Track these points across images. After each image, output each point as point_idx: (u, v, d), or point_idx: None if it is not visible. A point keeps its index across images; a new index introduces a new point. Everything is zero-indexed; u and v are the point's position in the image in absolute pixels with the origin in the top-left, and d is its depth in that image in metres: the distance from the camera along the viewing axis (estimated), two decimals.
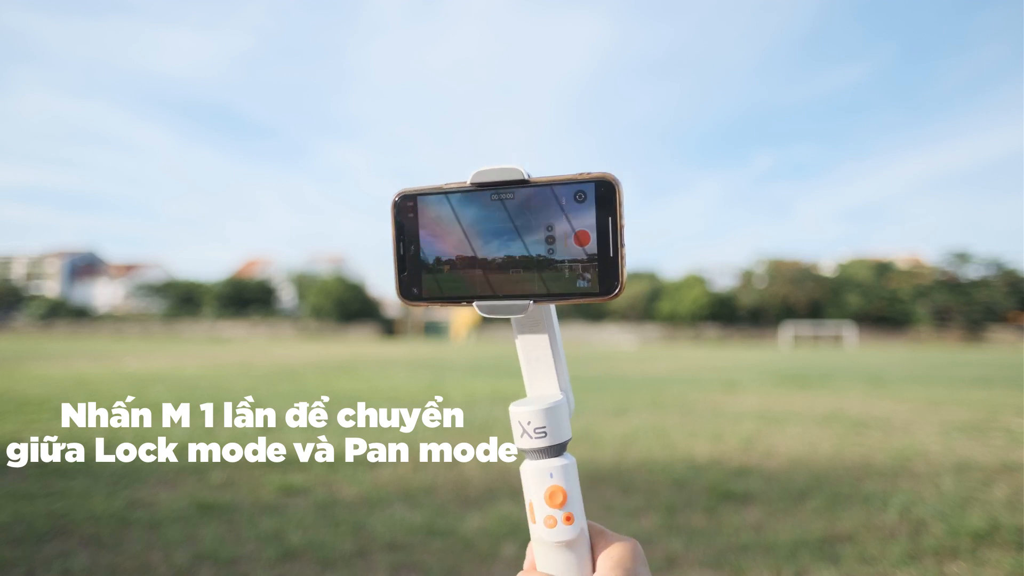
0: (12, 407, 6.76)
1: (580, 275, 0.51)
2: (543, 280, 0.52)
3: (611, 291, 0.51)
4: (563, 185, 0.51)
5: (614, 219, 0.50)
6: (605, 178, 0.50)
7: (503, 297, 0.54)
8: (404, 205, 0.55)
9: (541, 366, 0.56)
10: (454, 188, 0.54)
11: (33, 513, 3.21)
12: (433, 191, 0.55)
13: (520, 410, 0.54)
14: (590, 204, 0.51)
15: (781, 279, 50.53)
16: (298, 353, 22.06)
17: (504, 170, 0.52)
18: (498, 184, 0.53)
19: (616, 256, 0.50)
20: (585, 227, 0.51)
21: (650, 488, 3.85)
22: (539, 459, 0.55)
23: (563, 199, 0.51)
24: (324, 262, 66.71)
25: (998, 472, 4.33)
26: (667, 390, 9.65)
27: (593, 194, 0.51)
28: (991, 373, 14.34)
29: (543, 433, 0.54)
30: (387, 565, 2.66)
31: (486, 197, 0.53)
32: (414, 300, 0.56)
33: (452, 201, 0.54)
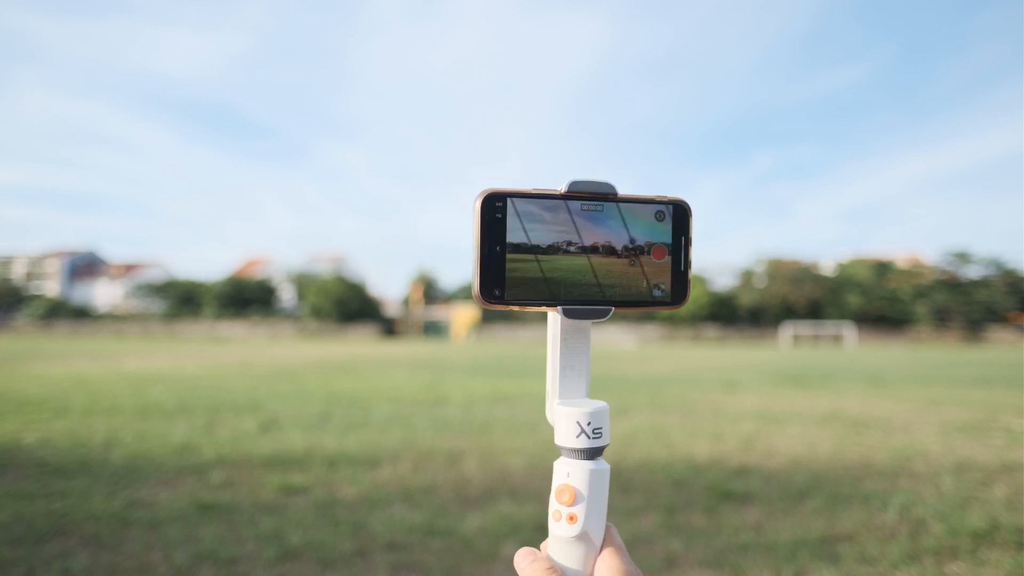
0: (12, 407, 6.77)
1: (656, 285, 0.57)
2: (623, 288, 0.57)
3: (681, 300, 0.58)
4: (647, 204, 0.57)
5: (687, 238, 0.58)
6: (681, 202, 0.58)
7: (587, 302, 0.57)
8: (492, 205, 0.55)
9: (575, 374, 0.59)
10: (544, 192, 0.56)
11: (33, 513, 3.21)
12: (523, 193, 0.55)
13: (575, 410, 0.56)
14: (668, 223, 0.58)
15: (781, 279, 50.53)
16: (298, 353, 22.05)
17: (599, 183, 0.56)
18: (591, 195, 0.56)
19: (686, 270, 0.58)
20: (663, 243, 0.57)
21: (650, 488, 3.85)
22: (572, 459, 0.57)
23: (646, 216, 0.57)
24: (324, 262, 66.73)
25: (998, 472, 4.33)
26: (667, 390, 9.65)
27: (671, 214, 0.58)
28: (991, 373, 14.34)
29: (600, 433, 0.57)
30: (387, 565, 2.66)
31: (577, 206, 0.56)
32: (495, 301, 0.55)
33: (543, 205, 0.55)
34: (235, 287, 58.55)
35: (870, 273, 50.99)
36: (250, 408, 6.99)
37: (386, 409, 7.04)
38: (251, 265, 73.78)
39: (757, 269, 53.07)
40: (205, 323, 54.00)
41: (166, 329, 53.14)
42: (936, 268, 50.32)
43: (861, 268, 52.02)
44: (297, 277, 60.78)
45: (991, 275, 48.59)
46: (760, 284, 51.97)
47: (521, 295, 0.55)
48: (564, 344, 0.58)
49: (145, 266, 74.77)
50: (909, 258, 55.44)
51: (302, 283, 58.90)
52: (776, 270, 51.41)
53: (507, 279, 0.55)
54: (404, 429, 5.77)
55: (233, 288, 58.28)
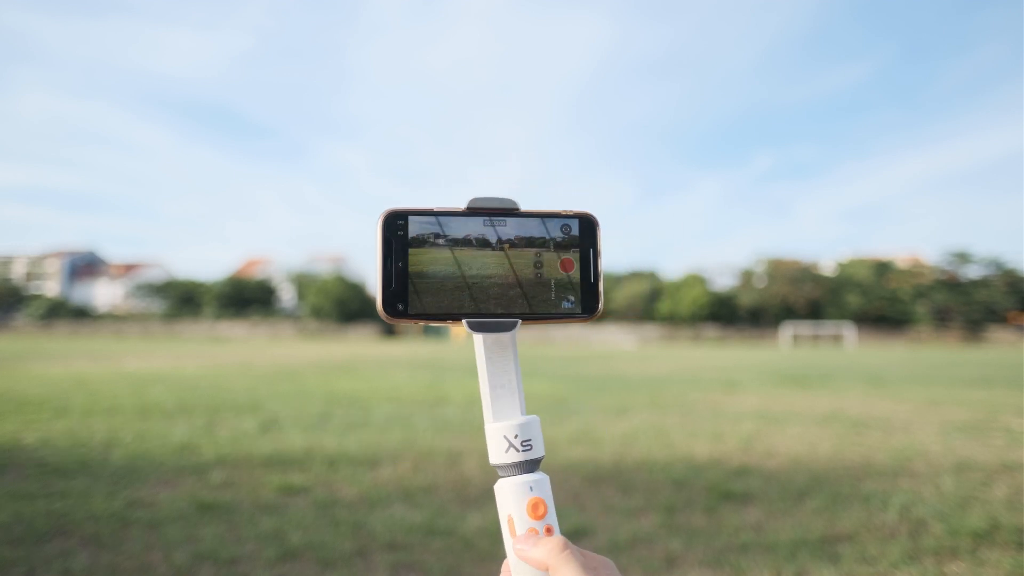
0: (12, 407, 6.77)
1: (565, 297, 0.58)
2: (530, 301, 0.58)
3: (592, 312, 0.59)
4: (551, 217, 0.59)
5: (594, 250, 0.59)
6: (587, 215, 0.60)
7: (491, 315, 0.58)
8: (392, 222, 0.57)
9: (507, 392, 0.58)
10: (448, 210, 0.58)
11: (33, 513, 3.21)
12: (425, 211, 0.58)
13: (502, 425, 0.56)
14: (575, 236, 0.59)
15: (781, 279, 50.52)
16: (298, 353, 22.06)
17: (500, 200, 0.59)
18: (492, 211, 0.58)
19: (596, 282, 0.59)
20: (570, 255, 0.59)
21: (650, 488, 3.85)
22: (517, 474, 0.56)
23: (551, 230, 0.59)
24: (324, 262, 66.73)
25: (998, 472, 4.33)
26: (667, 390, 9.65)
27: (577, 227, 0.59)
28: (991, 373, 14.34)
29: (529, 446, 0.56)
30: (387, 565, 2.66)
31: (478, 222, 0.58)
32: (398, 316, 0.57)
33: (442, 221, 0.58)
34: (235, 287, 58.54)
35: (870, 273, 51.00)
36: (250, 408, 6.99)
37: (386, 409, 7.04)
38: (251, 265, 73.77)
39: (757, 269, 53.07)
40: (205, 323, 53.99)
41: (166, 329, 53.13)
42: (936, 268, 50.33)
43: (861, 268, 52.02)
44: (297, 277, 60.78)
45: (991, 275, 48.59)
46: (760, 284, 51.96)
47: (423, 309, 0.57)
48: (489, 363, 0.58)
49: (145, 266, 74.77)
50: (909, 258, 55.45)
51: (302, 283, 58.90)
52: (776, 270, 51.41)
53: (409, 294, 0.57)
54: (404, 429, 5.77)
55: (233, 288, 58.28)
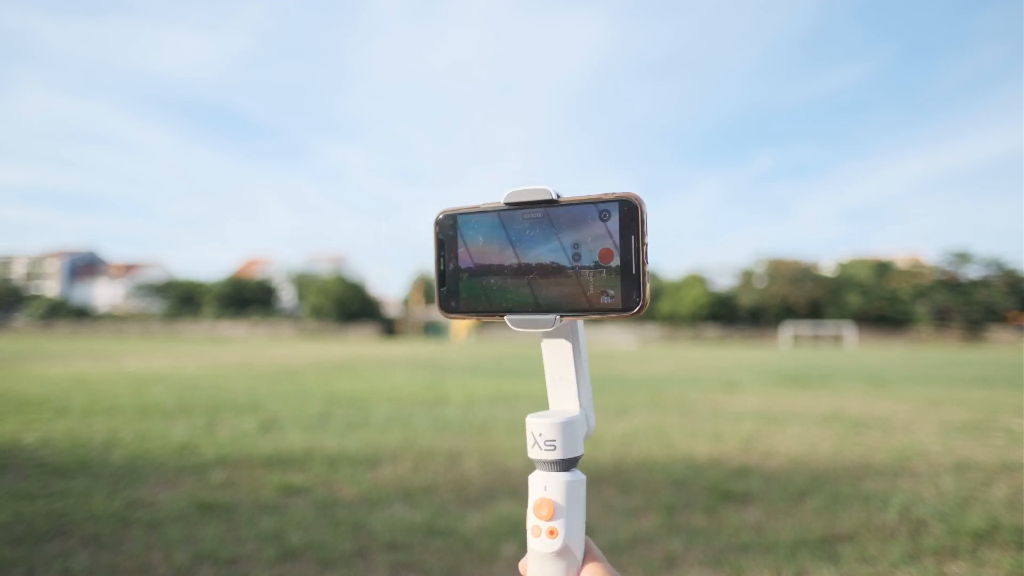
0: (12, 407, 6.77)
1: (604, 291, 0.53)
2: (570, 296, 0.54)
3: (633, 307, 0.52)
4: (589, 204, 0.53)
5: (637, 238, 0.52)
6: (628, 198, 0.52)
7: (532, 311, 0.56)
8: (445, 223, 0.59)
9: (564, 383, 0.58)
10: (489, 207, 0.57)
11: (33, 513, 3.21)
12: (471, 210, 0.58)
13: (535, 421, 0.56)
14: (614, 223, 0.52)
15: (781, 279, 50.52)
16: (298, 353, 22.05)
17: (535, 190, 0.55)
18: (529, 204, 0.55)
19: (638, 273, 0.52)
20: (609, 245, 0.53)
21: (650, 488, 3.85)
22: (545, 471, 0.56)
23: (589, 218, 0.53)
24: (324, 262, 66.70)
25: (998, 472, 4.33)
26: (667, 390, 9.65)
27: (617, 213, 0.52)
28: (991, 373, 14.34)
29: (552, 446, 0.55)
30: (387, 565, 2.66)
31: (518, 216, 0.56)
32: (452, 313, 0.59)
33: (488, 220, 0.57)
34: (235, 287, 58.54)
35: (870, 273, 50.99)
36: (250, 408, 6.99)
37: (386, 409, 7.04)
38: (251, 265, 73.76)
39: (757, 269, 53.07)
40: (205, 323, 53.99)
41: (166, 329, 53.13)
42: (936, 268, 50.32)
43: (861, 268, 52.01)
44: (297, 277, 60.77)
45: (991, 275, 48.58)
46: (760, 284, 51.96)
47: (474, 306, 0.58)
48: (547, 357, 0.58)
49: (145, 266, 74.76)
50: (909, 258, 55.43)
51: (302, 283, 58.89)
52: (776, 270, 51.41)
53: (461, 291, 0.58)
54: (404, 429, 5.76)
55: (233, 288, 58.28)
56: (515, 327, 0.57)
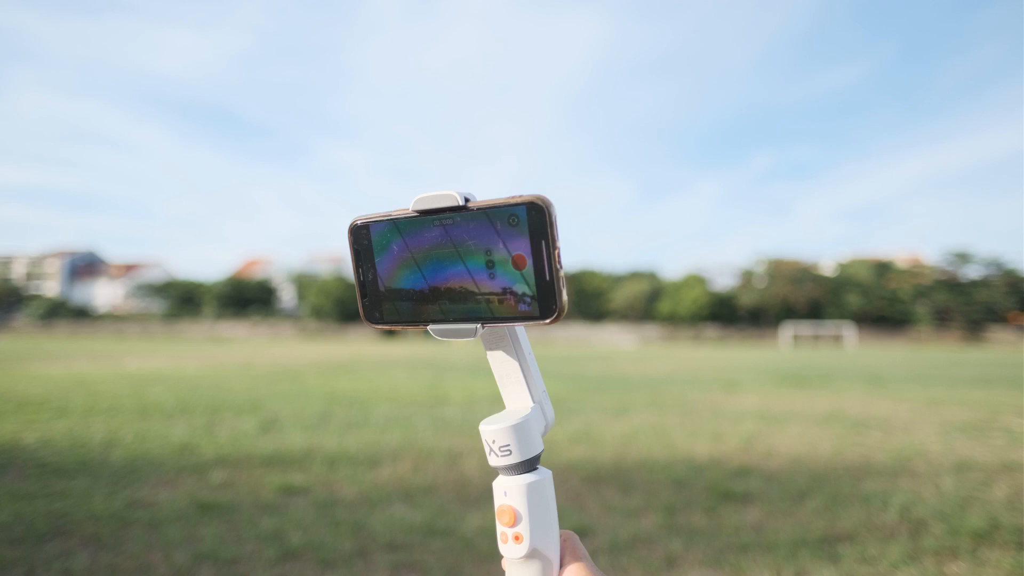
0: (12, 407, 6.76)
1: (521, 299, 0.51)
2: (487, 304, 0.53)
3: (549, 315, 0.50)
4: (496, 209, 0.51)
5: (547, 242, 0.49)
6: (535, 201, 0.49)
7: (454, 321, 0.54)
8: (359, 233, 0.57)
9: (512, 381, 0.58)
10: (399, 215, 0.55)
11: (33, 513, 3.21)
12: (382, 218, 0.56)
13: (486, 428, 0.55)
14: (523, 228, 0.50)
15: (781, 279, 50.52)
16: (298, 353, 22.05)
17: (442, 196, 0.53)
18: (438, 210, 0.53)
19: (552, 279, 0.50)
20: (521, 251, 0.50)
21: (650, 488, 3.85)
22: (507, 475, 0.56)
23: (498, 224, 0.51)
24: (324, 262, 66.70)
25: (998, 472, 4.33)
26: (667, 390, 9.65)
27: (525, 217, 0.50)
28: (991, 373, 14.34)
29: (507, 451, 0.55)
30: (387, 565, 2.66)
31: (429, 223, 0.54)
32: (377, 323, 0.58)
33: (399, 228, 0.55)
34: (235, 287, 58.55)
35: (870, 273, 51.00)
36: (250, 408, 6.99)
37: (386, 409, 7.04)
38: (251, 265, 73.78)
39: (757, 269, 53.07)
40: (205, 323, 53.99)
41: (166, 329, 53.13)
42: (936, 268, 50.33)
43: (861, 268, 52.02)
44: (297, 277, 60.79)
45: (991, 275, 48.59)
46: (760, 284, 51.96)
47: (396, 316, 0.57)
48: (490, 355, 0.58)
49: (145, 266, 74.77)
50: (909, 258, 55.47)
51: (302, 283, 58.90)
52: (776, 270, 51.41)
53: (382, 302, 0.57)
54: (404, 429, 5.76)
55: (233, 288, 58.29)
56: (438, 336, 0.55)
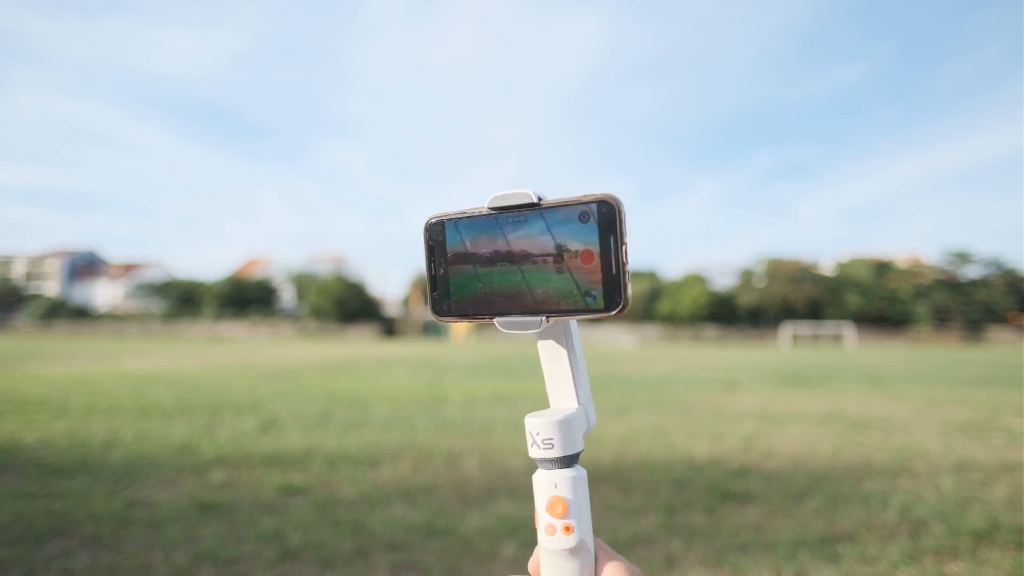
0: (12, 407, 6.76)
1: (587, 292, 0.54)
2: (554, 297, 0.55)
3: (614, 307, 0.53)
4: (569, 207, 0.54)
5: (615, 238, 0.52)
6: (606, 199, 0.53)
7: (520, 314, 0.57)
8: (434, 229, 0.60)
9: (560, 380, 0.59)
10: (474, 213, 0.59)
11: (33, 513, 3.21)
12: (458, 216, 0.60)
13: (532, 421, 0.57)
14: (593, 224, 0.53)
15: (781, 279, 50.52)
16: (298, 353, 22.05)
17: (517, 194, 0.56)
18: (512, 208, 0.57)
19: (619, 273, 0.52)
20: (589, 246, 0.53)
21: (650, 488, 3.85)
22: (548, 469, 0.57)
23: (569, 220, 0.54)
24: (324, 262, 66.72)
25: (998, 472, 4.33)
26: (667, 390, 9.65)
27: (596, 214, 0.53)
28: (991, 373, 14.34)
29: (550, 444, 0.56)
30: (387, 565, 2.66)
31: (502, 220, 0.57)
32: (444, 316, 0.61)
33: (473, 224, 0.59)
34: (235, 287, 58.53)
35: (870, 273, 50.99)
36: (250, 408, 6.99)
37: (386, 409, 7.04)
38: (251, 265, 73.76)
39: (757, 269, 53.07)
40: (205, 323, 53.98)
41: (166, 329, 53.12)
42: (936, 268, 50.32)
43: (861, 268, 52.01)
44: (297, 277, 60.78)
45: (991, 275, 48.58)
46: (760, 284, 51.96)
47: (464, 309, 0.60)
48: (543, 352, 0.59)
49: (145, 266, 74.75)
50: (909, 258, 55.45)
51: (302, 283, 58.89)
52: (776, 270, 51.40)
53: (451, 295, 0.60)
54: (404, 429, 5.76)
55: (233, 288, 58.26)
56: (504, 329, 0.58)
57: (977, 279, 48.66)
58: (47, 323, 55.34)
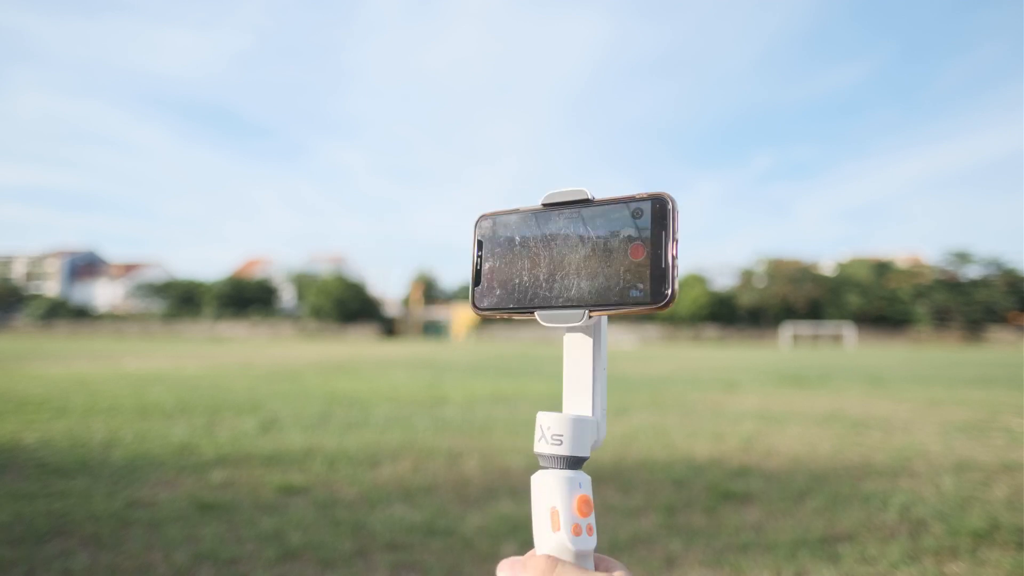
0: (12, 407, 6.76)
1: (633, 285, 0.54)
2: (600, 290, 0.56)
3: (661, 300, 0.53)
4: (622, 203, 0.55)
5: (666, 233, 0.53)
6: (661, 196, 0.54)
7: (562, 307, 0.57)
8: (484, 224, 0.61)
9: (579, 388, 0.59)
10: (527, 209, 0.60)
11: (33, 513, 3.21)
12: (509, 212, 0.61)
13: (544, 415, 0.57)
14: (646, 220, 0.54)
15: (781, 279, 50.53)
16: (298, 353, 22.05)
17: (571, 191, 0.57)
18: (565, 204, 0.57)
19: (667, 267, 0.53)
20: (640, 242, 0.54)
21: (650, 488, 3.85)
22: (553, 468, 0.56)
23: (622, 216, 0.55)
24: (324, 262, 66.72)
25: (998, 472, 4.33)
26: (667, 390, 9.65)
27: (649, 210, 0.54)
28: (991, 373, 14.34)
29: (559, 441, 0.55)
30: (387, 565, 2.66)
31: (554, 216, 0.58)
32: (484, 310, 0.61)
33: (524, 220, 0.60)
34: (235, 287, 58.53)
35: (870, 273, 51.00)
36: (250, 408, 6.99)
37: (386, 409, 7.04)
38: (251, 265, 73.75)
39: (757, 269, 53.08)
40: (205, 323, 53.99)
41: (166, 329, 53.12)
42: (936, 268, 50.33)
43: (861, 268, 52.02)
44: (297, 277, 60.79)
45: (991, 275, 48.59)
46: (760, 284, 51.97)
47: (506, 303, 0.60)
48: (567, 356, 0.59)
49: (145, 266, 74.76)
50: (909, 258, 55.45)
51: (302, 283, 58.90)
52: (776, 270, 51.42)
53: (495, 289, 0.61)
54: (404, 429, 5.76)
55: (233, 288, 58.27)
56: (544, 323, 0.58)
57: (977, 279, 48.68)
58: (47, 323, 55.34)
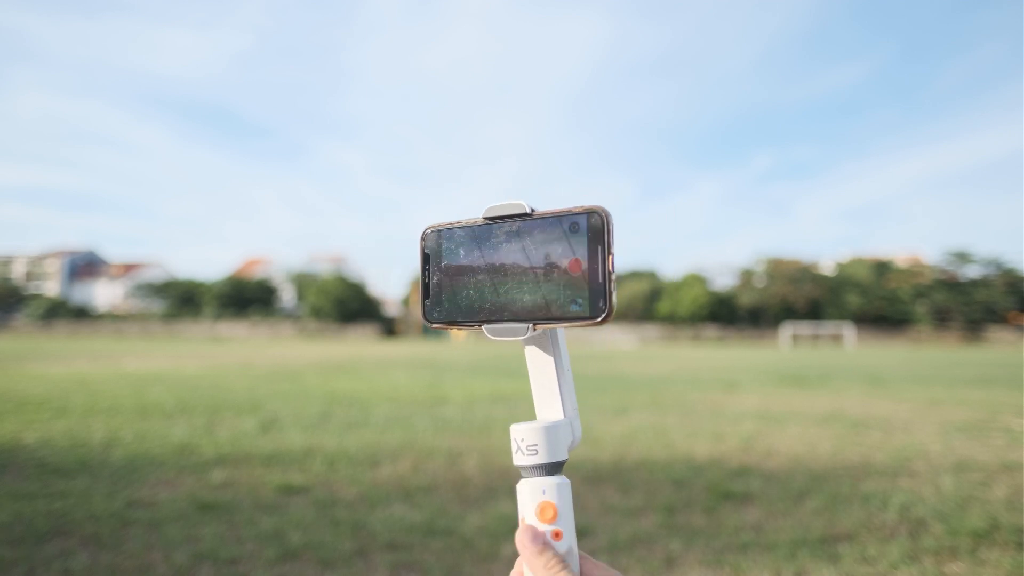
0: (12, 407, 6.76)
1: (573, 299, 0.55)
2: (541, 305, 0.57)
3: (599, 315, 0.54)
4: (560, 217, 0.56)
5: (603, 247, 0.54)
6: (595, 210, 0.55)
7: (508, 321, 0.58)
8: (430, 238, 0.63)
9: (547, 393, 0.60)
10: (470, 223, 0.61)
11: (33, 513, 3.21)
12: (453, 225, 0.62)
13: (516, 428, 0.58)
14: (582, 234, 0.55)
15: (781, 279, 50.51)
16: (298, 353, 22.05)
17: (510, 205, 0.58)
18: (506, 217, 0.59)
19: (604, 282, 0.54)
20: (578, 255, 0.55)
21: (650, 488, 3.85)
22: (533, 476, 0.57)
23: (559, 230, 0.56)
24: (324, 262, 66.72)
25: (998, 472, 4.33)
26: (667, 390, 9.65)
27: (585, 224, 0.55)
28: (991, 373, 14.34)
29: (534, 451, 0.57)
30: (387, 565, 2.66)
31: (495, 230, 0.59)
32: (435, 323, 0.63)
33: (468, 234, 0.61)
34: (235, 287, 58.51)
35: (870, 273, 50.99)
36: (250, 408, 6.99)
37: (386, 409, 7.04)
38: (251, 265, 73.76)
39: (757, 269, 53.06)
40: (205, 323, 53.97)
41: (166, 329, 53.11)
42: (936, 268, 50.31)
43: (861, 268, 52.01)
44: (297, 277, 60.76)
45: (991, 275, 48.57)
46: (760, 284, 51.95)
47: (454, 316, 0.62)
48: (531, 366, 0.61)
49: (145, 266, 74.76)
50: (909, 258, 55.44)
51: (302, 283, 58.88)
52: (776, 270, 51.40)
53: (443, 302, 0.62)
54: (404, 429, 5.76)
55: (233, 288, 58.24)
56: (491, 336, 0.59)
57: (977, 279, 48.66)
58: (47, 323, 55.33)
